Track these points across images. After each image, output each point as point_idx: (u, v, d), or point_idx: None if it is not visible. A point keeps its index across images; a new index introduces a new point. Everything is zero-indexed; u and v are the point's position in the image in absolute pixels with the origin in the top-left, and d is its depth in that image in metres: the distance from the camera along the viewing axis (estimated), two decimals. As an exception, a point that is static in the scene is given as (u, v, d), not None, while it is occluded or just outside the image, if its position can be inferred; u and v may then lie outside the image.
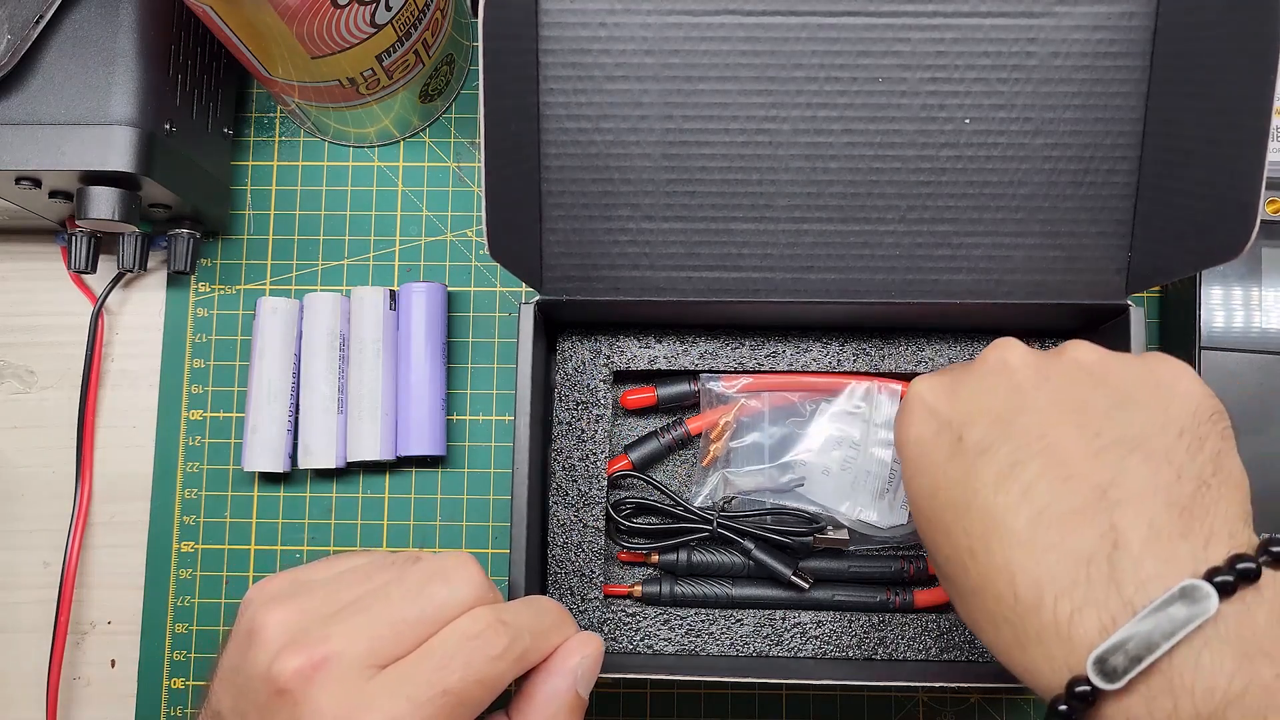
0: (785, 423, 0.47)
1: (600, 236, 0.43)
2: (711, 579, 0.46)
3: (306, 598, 0.30)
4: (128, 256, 0.49)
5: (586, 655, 0.31)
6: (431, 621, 0.29)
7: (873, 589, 0.45)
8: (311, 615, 0.30)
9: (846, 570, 0.46)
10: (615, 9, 0.42)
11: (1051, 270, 0.43)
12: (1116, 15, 0.41)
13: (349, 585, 0.31)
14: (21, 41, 0.42)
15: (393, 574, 0.31)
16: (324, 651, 0.28)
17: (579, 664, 0.31)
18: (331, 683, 0.28)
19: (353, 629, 0.29)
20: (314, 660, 0.28)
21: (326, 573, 0.32)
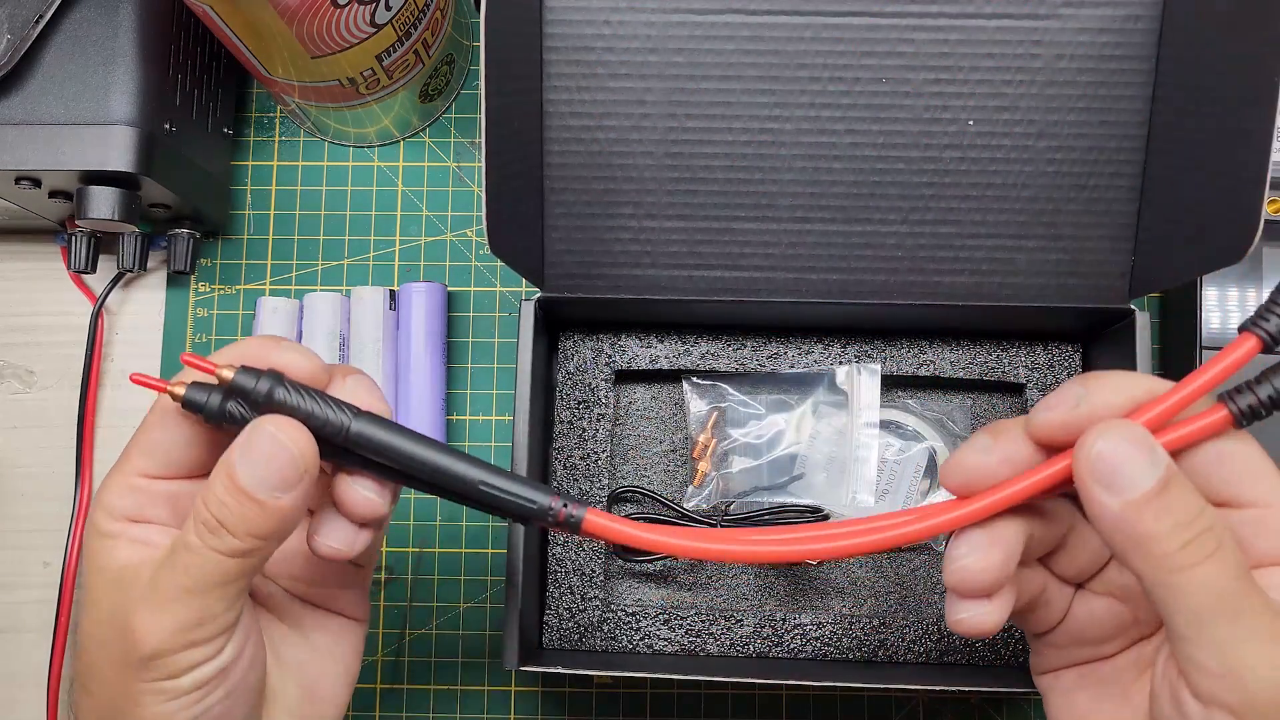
0: (773, 418, 0.47)
1: (602, 234, 0.43)
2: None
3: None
4: (128, 256, 0.49)
5: (242, 439, 0.28)
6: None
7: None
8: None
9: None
10: (619, 7, 0.42)
11: (1054, 273, 0.43)
12: (1121, 18, 0.41)
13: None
14: (21, 41, 0.42)
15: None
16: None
17: (238, 443, 0.28)
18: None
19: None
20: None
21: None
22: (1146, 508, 0.26)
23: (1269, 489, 0.27)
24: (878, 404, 0.46)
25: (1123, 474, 0.26)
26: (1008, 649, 0.45)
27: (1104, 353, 0.45)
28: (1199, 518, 0.26)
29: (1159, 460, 0.26)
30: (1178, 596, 0.26)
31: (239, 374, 0.28)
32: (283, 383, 0.29)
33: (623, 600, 0.47)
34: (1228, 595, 0.25)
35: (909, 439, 0.47)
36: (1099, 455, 0.26)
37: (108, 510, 0.29)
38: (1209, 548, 0.26)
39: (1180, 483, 0.26)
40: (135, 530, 0.29)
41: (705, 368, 0.47)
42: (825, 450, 0.46)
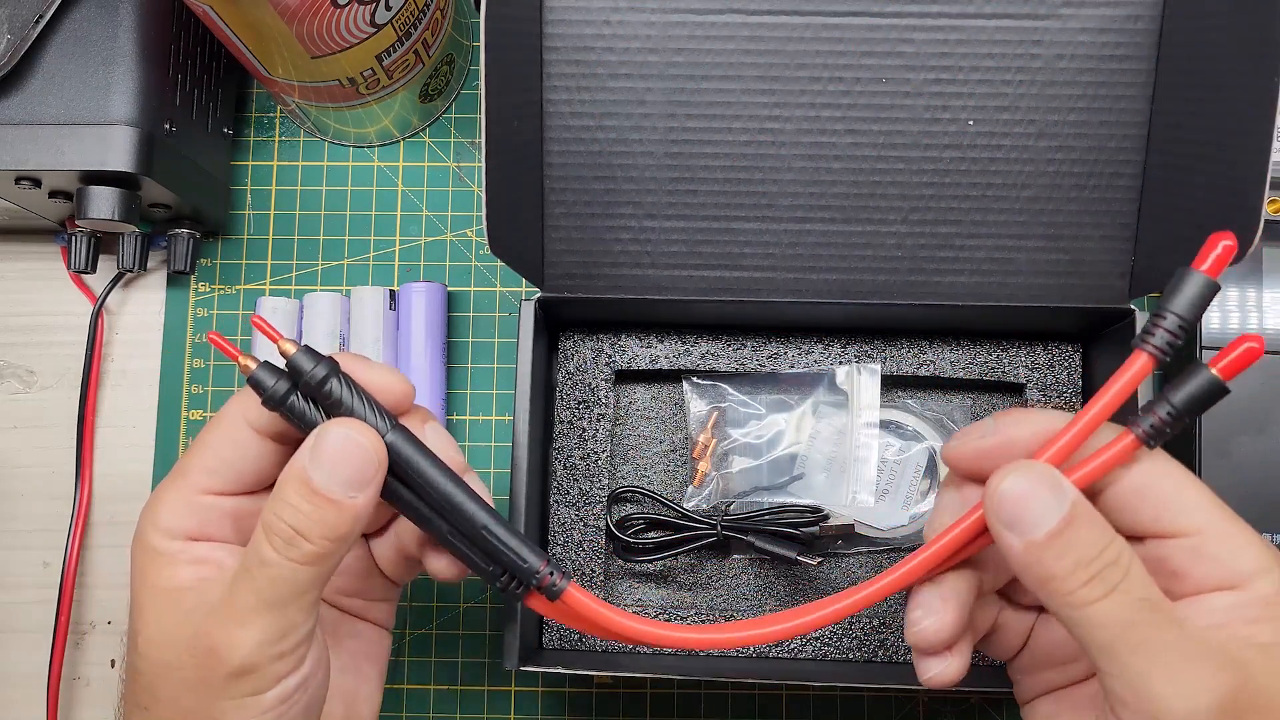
0: (773, 418, 0.47)
1: (602, 234, 0.43)
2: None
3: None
4: (127, 256, 0.49)
5: (312, 443, 0.28)
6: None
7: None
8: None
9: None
10: (619, 6, 0.42)
11: (1054, 273, 0.43)
12: (1121, 18, 0.41)
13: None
14: (21, 41, 0.42)
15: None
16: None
17: (307, 448, 0.28)
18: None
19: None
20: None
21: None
22: (1048, 547, 0.26)
23: (1199, 517, 0.27)
24: (878, 404, 0.46)
25: (1025, 514, 0.27)
26: (1008, 649, 0.45)
27: (1104, 353, 0.45)
28: (1102, 553, 0.26)
29: (1064, 498, 0.26)
30: (1085, 631, 0.26)
31: (300, 352, 0.29)
32: (339, 373, 0.29)
33: (623, 600, 0.47)
34: (1131, 627, 0.26)
35: (909, 439, 0.47)
36: (1003, 496, 0.27)
37: (165, 529, 0.29)
38: (1112, 581, 0.26)
39: (1084, 520, 0.26)
40: (196, 549, 0.29)
41: (705, 368, 0.47)
42: (825, 450, 0.46)
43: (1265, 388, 0.45)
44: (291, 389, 0.29)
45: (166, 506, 0.29)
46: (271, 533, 0.28)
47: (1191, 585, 0.27)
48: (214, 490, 0.30)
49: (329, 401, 0.29)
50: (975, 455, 0.30)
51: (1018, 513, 0.27)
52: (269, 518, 0.28)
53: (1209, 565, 0.27)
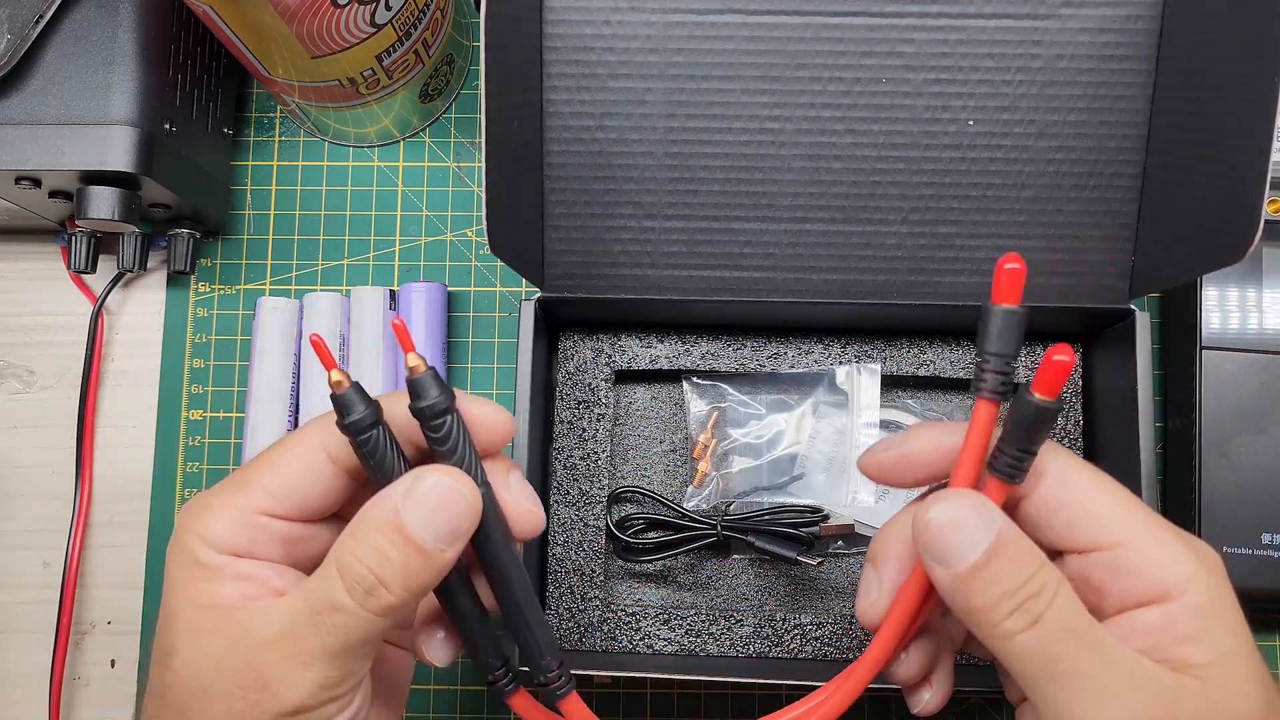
0: (773, 418, 0.47)
1: (602, 234, 0.43)
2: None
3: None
4: (127, 256, 0.49)
5: (408, 487, 0.27)
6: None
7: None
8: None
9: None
10: (619, 6, 0.42)
11: (1054, 273, 0.43)
12: (1121, 18, 0.41)
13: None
14: (21, 41, 0.42)
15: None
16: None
17: (401, 491, 0.27)
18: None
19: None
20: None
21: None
22: (973, 579, 0.26)
23: (1114, 528, 0.27)
24: (878, 404, 0.46)
25: (950, 545, 0.26)
26: (1008, 649, 0.45)
27: (1104, 353, 0.45)
28: (1027, 583, 0.26)
29: (990, 527, 0.26)
30: (1010, 662, 0.26)
31: (428, 374, 0.27)
32: (455, 409, 0.27)
33: (623, 600, 0.47)
34: (1054, 660, 0.25)
35: (909, 439, 0.47)
36: (928, 525, 0.27)
37: (212, 542, 0.27)
38: (1035, 612, 0.26)
39: (1010, 550, 0.26)
40: (241, 565, 0.28)
41: (705, 368, 0.47)
42: (825, 450, 0.46)
43: (1265, 388, 0.45)
44: (377, 421, 0.27)
45: (217, 518, 0.28)
46: (350, 576, 0.26)
47: (1115, 601, 0.27)
48: (272, 513, 0.28)
49: (437, 435, 0.27)
50: (879, 467, 0.30)
51: (943, 543, 0.26)
52: (348, 560, 0.26)
53: (1131, 579, 0.27)
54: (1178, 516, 0.46)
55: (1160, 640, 0.26)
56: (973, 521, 0.26)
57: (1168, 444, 0.48)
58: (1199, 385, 0.46)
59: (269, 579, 0.28)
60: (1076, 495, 0.28)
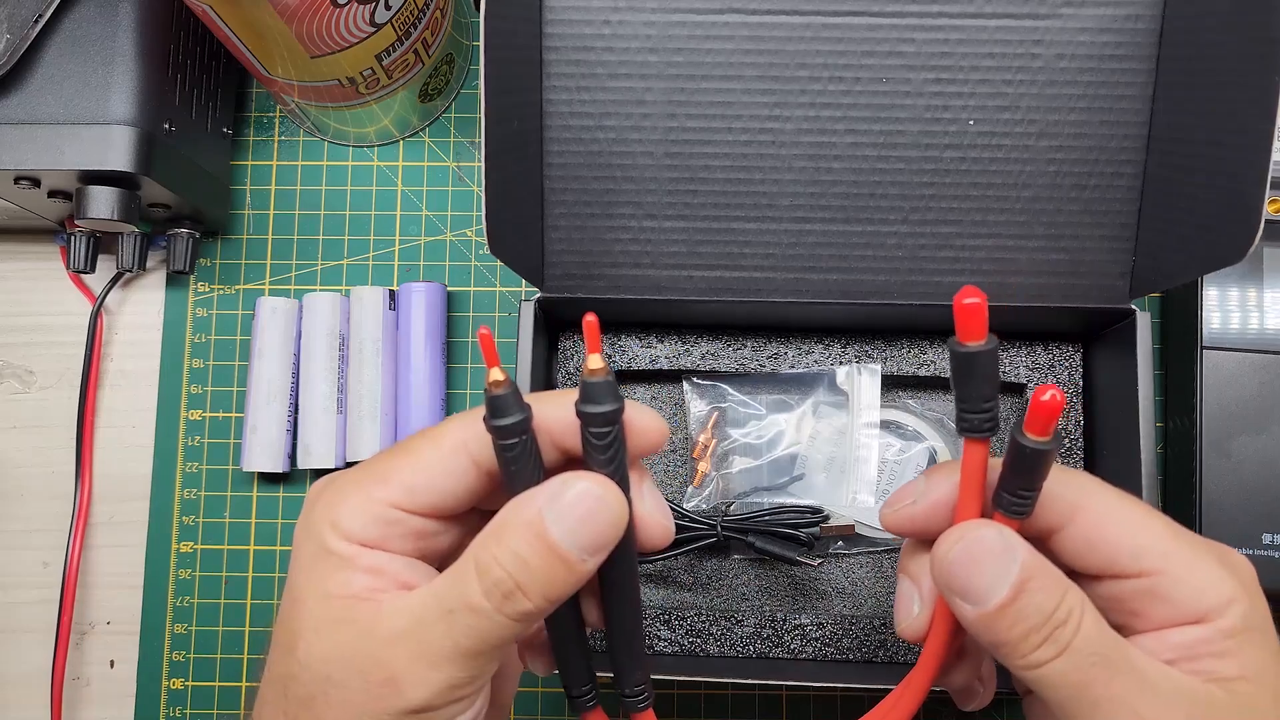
0: (774, 418, 0.47)
1: (602, 234, 0.43)
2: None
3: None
4: (127, 256, 0.49)
5: (555, 493, 0.26)
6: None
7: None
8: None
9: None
10: (619, 6, 0.42)
11: (1055, 273, 0.43)
12: (1122, 18, 0.41)
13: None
14: (21, 41, 0.42)
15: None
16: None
17: (547, 497, 0.26)
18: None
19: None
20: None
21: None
22: (999, 617, 0.26)
23: (1153, 557, 0.27)
24: (878, 404, 0.46)
25: (974, 584, 0.26)
26: (1008, 649, 0.45)
27: (1104, 353, 0.45)
28: (1054, 614, 0.26)
29: (1012, 563, 0.26)
30: (1042, 690, 0.26)
31: (608, 378, 0.26)
32: (621, 419, 0.26)
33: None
34: (1084, 685, 0.25)
35: (909, 439, 0.47)
36: (951, 565, 0.26)
37: (344, 532, 0.27)
38: (1063, 641, 0.26)
39: (1035, 583, 0.26)
40: (371, 557, 0.27)
41: (705, 368, 0.47)
42: (825, 450, 0.46)
43: (1265, 388, 0.45)
44: (528, 428, 0.26)
45: (352, 509, 0.27)
46: (488, 579, 0.25)
47: (1151, 624, 0.27)
48: (407, 508, 0.27)
49: (601, 443, 0.26)
50: (909, 521, 0.29)
51: (966, 583, 0.26)
52: (487, 562, 0.25)
53: (1169, 605, 0.27)
54: (1178, 516, 0.46)
55: (1192, 654, 0.26)
56: (995, 556, 0.26)
57: (1168, 444, 0.48)
58: (1199, 385, 0.46)
59: (399, 573, 0.27)
60: (1114, 531, 0.27)
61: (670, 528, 0.29)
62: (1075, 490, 0.28)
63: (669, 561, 0.47)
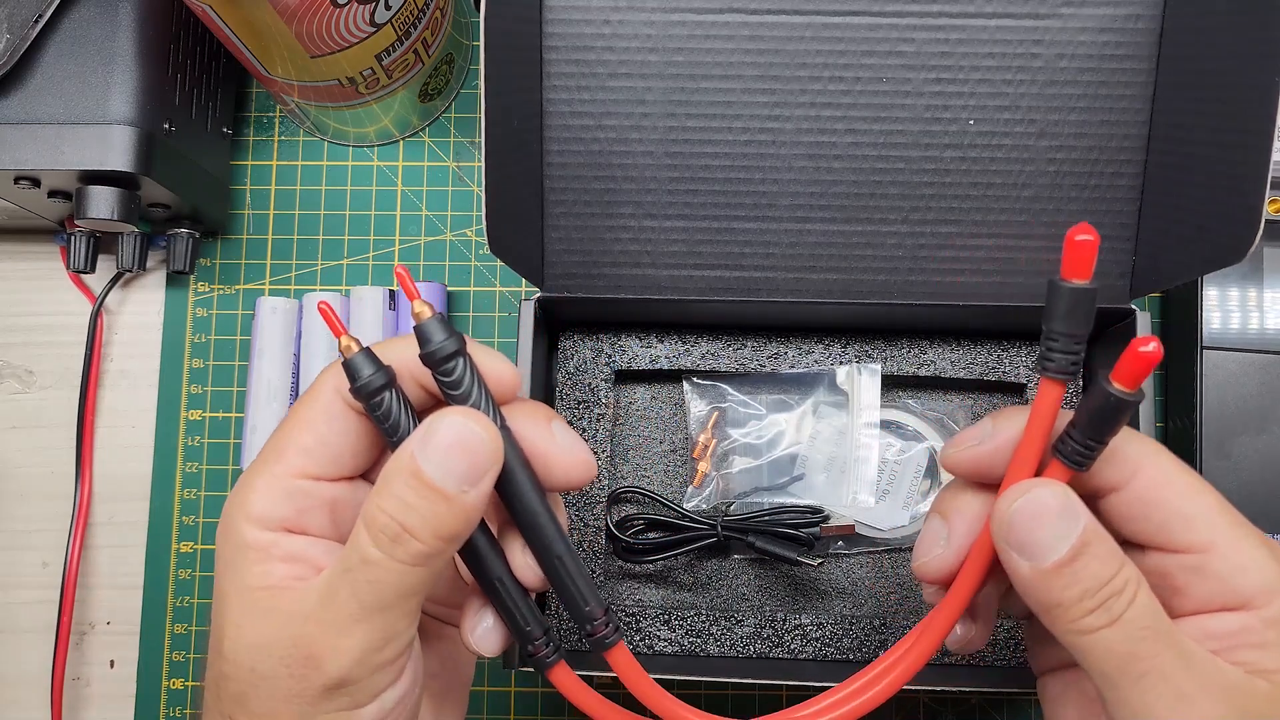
0: (774, 418, 0.47)
1: (602, 234, 0.43)
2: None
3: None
4: (127, 256, 0.49)
5: (424, 432, 0.26)
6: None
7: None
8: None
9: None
10: (619, 6, 0.42)
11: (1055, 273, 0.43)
12: (1122, 18, 0.41)
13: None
14: (20, 41, 0.42)
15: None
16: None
17: (418, 438, 0.26)
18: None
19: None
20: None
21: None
22: (1056, 576, 0.26)
23: (1204, 533, 0.27)
24: (878, 404, 0.46)
25: (1035, 540, 0.26)
26: (1008, 649, 0.45)
27: (1104, 353, 0.45)
28: (1110, 581, 0.26)
29: (1075, 524, 0.26)
30: (1086, 658, 0.26)
31: (434, 319, 0.26)
32: (466, 354, 0.27)
33: (623, 600, 0.47)
34: (1132, 658, 0.25)
35: (909, 439, 0.47)
36: (1013, 519, 0.26)
37: (258, 519, 0.27)
38: (1116, 611, 0.25)
39: (1094, 548, 0.26)
40: (290, 543, 0.27)
41: (705, 368, 0.47)
42: (826, 450, 0.46)
43: (1265, 388, 0.45)
44: (388, 384, 0.27)
45: (259, 492, 0.27)
46: (375, 528, 0.25)
47: (1194, 603, 0.27)
48: (310, 474, 0.27)
49: (448, 380, 0.27)
50: (973, 462, 0.29)
51: (1027, 538, 0.26)
52: (372, 512, 0.25)
53: (1214, 585, 0.27)
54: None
55: (1234, 644, 0.26)
56: (1058, 515, 0.26)
57: (1168, 444, 0.48)
58: (1199, 385, 0.46)
59: (319, 558, 0.27)
60: (1172, 496, 0.27)
61: (589, 460, 0.29)
62: (1139, 449, 0.27)
63: (669, 561, 0.47)
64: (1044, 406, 0.27)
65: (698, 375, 0.47)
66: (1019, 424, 0.28)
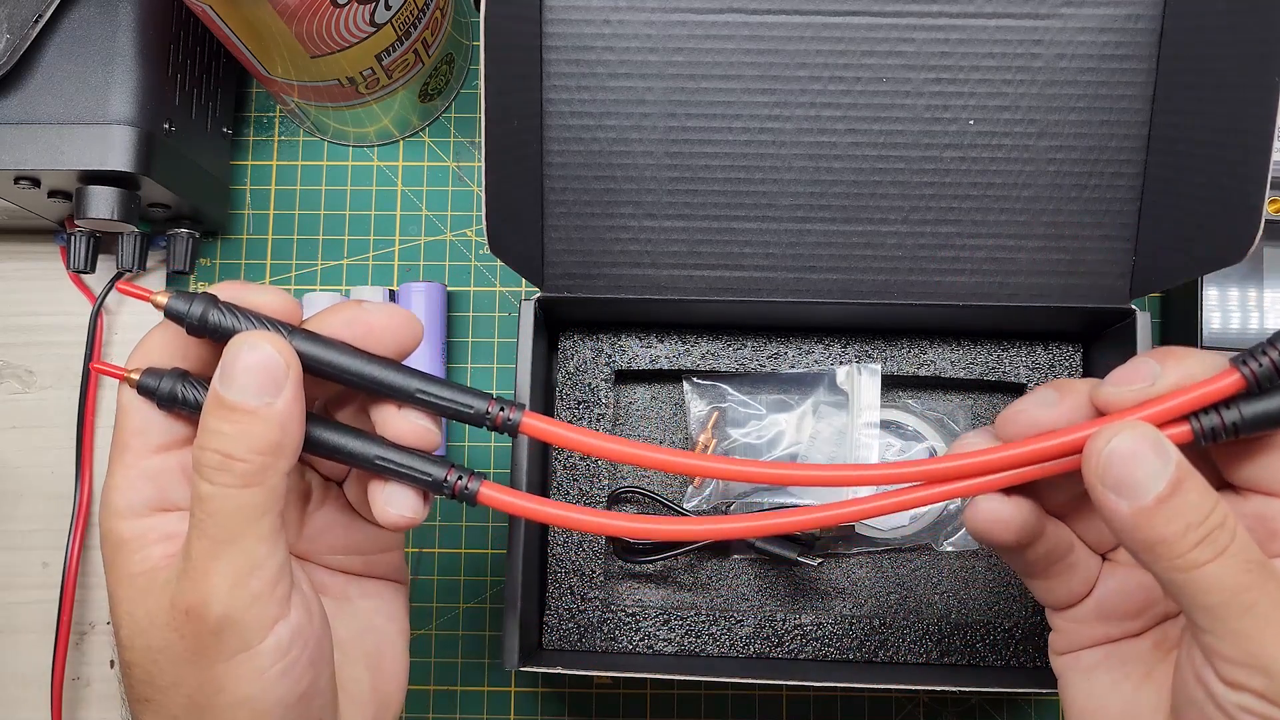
0: (774, 418, 0.47)
1: (602, 234, 0.43)
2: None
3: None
4: (127, 256, 0.49)
5: (220, 365, 0.27)
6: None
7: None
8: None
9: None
10: (619, 6, 0.42)
11: (1055, 273, 0.43)
12: (1122, 18, 0.41)
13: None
14: (20, 41, 0.42)
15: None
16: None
17: (217, 374, 0.27)
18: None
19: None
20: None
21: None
22: (1157, 512, 0.26)
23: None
24: (878, 404, 0.46)
25: (1132, 479, 0.26)
26: (1008, 649, 0.45)
27: (1104, 353, 0.45)
28: (1210, 515, 0.26)
29: (1169, 461, 0.26)
30: (1193, 594, 0.26)
31: (174, 298, 0.28)
32: (218, 304, 0.28)
33: (623, 601, 0.47)
34: (1241, 589, 0.25)
35: (909, 439, 0.47)
36: (1109, 460, 0.26)
37: (125, 510, 0.28)
38: (1221, 543, 0.26)
39: (1190, 483, 0.26)
40: (163, 524, 0.28)
41: (705, 368, 0.47)
42: (826, 451, 0.46)
43: (1266, 388, 0.45)
44: (181, 377, 0.28)
45: (116, 487, 0.28)
46: (202, 466, 0.26)
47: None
48: (153, 447, 0.28)
49: (218, 333, 0.28)
50: (1138, 400, 0.28)
51: (1124, 476, 0.26)
52: (196, 454, 0.27)
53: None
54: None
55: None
56: (1151, 453, 0.26)
57: None
58: (1199, 385, 0.46)
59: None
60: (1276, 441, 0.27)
61: (411, 320, 0.30)
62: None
63: (669, 562, 0.47)
64: (1217, 391, 0.26)
65: (698, 375, 0.47)
66: (1186, 371, 0.27)
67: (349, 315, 0.29)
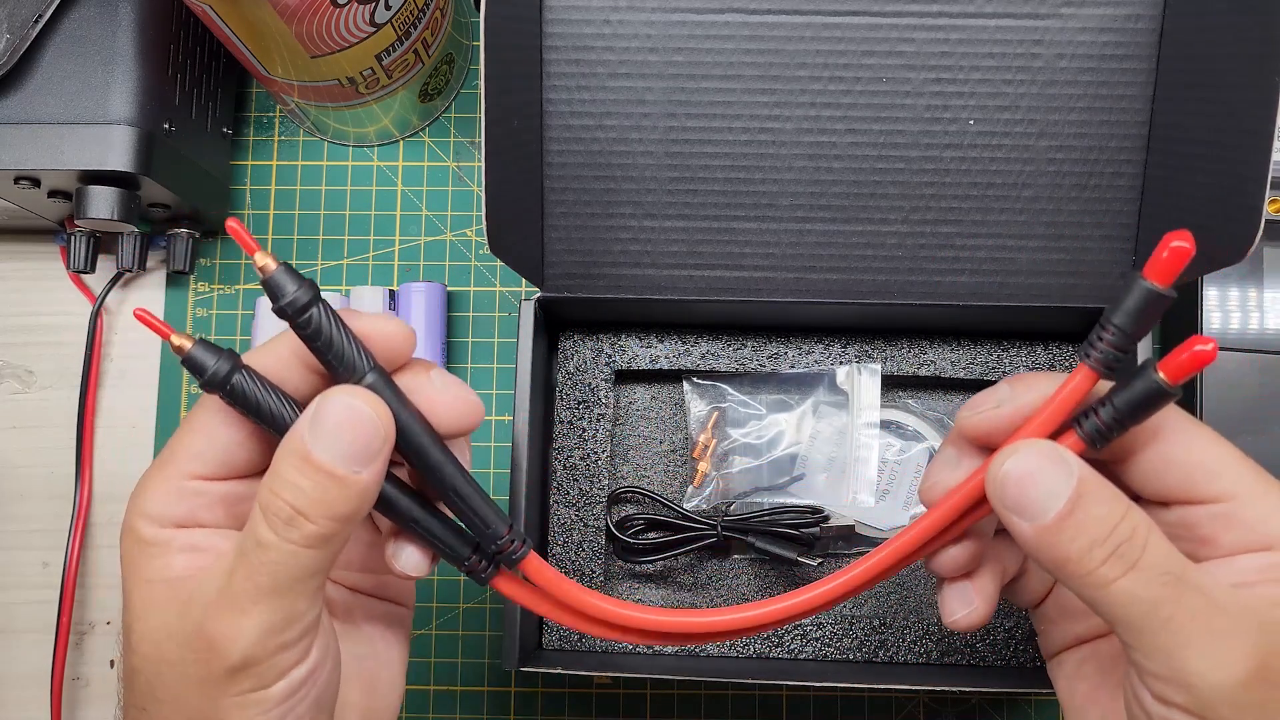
0: (774, 418, 0.47)
1: (602, 234, 0.43)
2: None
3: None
4: (127, 256, 0.49)
5: (313, 414, 0.26)
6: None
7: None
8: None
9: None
10: (619, 6, 0.42)
11: (1055, 273, 0.43)
12: (1122, 18, 0.41)
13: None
14: (20, 41, 0.42)
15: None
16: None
17: (307, 420, 0.26)
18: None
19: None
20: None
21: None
22: (1060, 530, 0.25)
23: (1229, 483, 0.27)
24: (878, 404, 0.46)
25: (1028, 499, 0.26)
26: (1008, 649, 0.45)
27: (1104, 353, 0.45)
28: (1116, 529, 0.25)
29: (1070, 475, 0.25)
30: (1109, 610, 0.26)
31: (281, 270, 0.26)
32: (322, 301, 0.26)
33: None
34: (1156, 603, 0.25)
35: (909, 439, 0.47)
36: (1004, 482, 0.26)
37: (153, 517, 0.27)
38: (1130, 558, 0.25)
39: (1095, 495, 0.26)
40: (189, 536, 0.27)
41: (705, 368, 0.47)
42: (825, 450, 0.46)
43: (1265, 388, 0.45)
44: (234, 369, 0.26)
45: (152, 493, 0.27)
46: (269, 513, 0.25)
47: (1221, 550, 0.27)
48: (203, 475, 0.28)
49: (308, 332, 0.26)
50: (990, 425, 0.28)
51: (1022, 497, 0.26)
52: (265, 497, 0.26)
53: (1240, 531, 0.26)
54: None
55: (1259, 579, 0.26)
56: (1050, 471, 0.26)
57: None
58: (1199, 385, 0.46)
59: (217, 545, 0.27)
60: (1196, 450, 0.27)
61: (475, 402, 0.29)
62: (1160, 415, 0.27)
63: (669, 561, 0.47)
64: (1075, 391, 0.26)
65: (698, 375, 0.47)
66: (1039, 391, 0.27)
67: (421, 382, 0.28)
